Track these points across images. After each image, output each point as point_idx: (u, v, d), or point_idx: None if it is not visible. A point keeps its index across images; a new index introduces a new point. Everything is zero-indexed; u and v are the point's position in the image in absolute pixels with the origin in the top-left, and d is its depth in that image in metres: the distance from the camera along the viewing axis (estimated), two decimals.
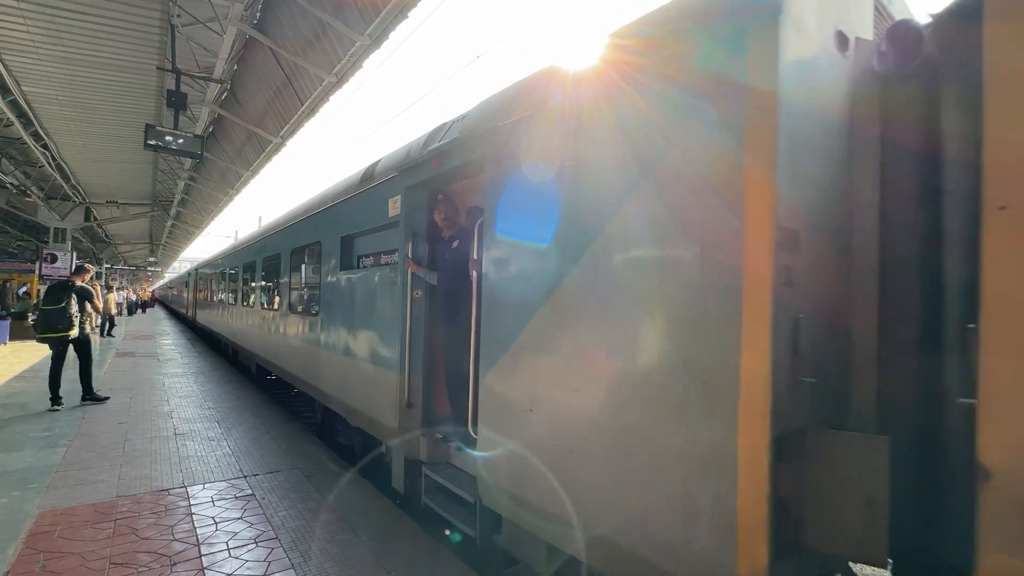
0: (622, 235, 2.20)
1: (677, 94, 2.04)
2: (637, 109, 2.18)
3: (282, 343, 7.68)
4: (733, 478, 1.72)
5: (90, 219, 21.17)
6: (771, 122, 1.66)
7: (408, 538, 3.71)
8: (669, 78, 2.09)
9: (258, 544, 3.54)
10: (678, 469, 1.91)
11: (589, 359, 2.34)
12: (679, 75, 2.05)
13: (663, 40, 2.15)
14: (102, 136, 13.54)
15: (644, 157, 2.12)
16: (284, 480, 4.76)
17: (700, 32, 1.98)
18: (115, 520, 3.82)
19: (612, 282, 2.24)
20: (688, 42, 2.02)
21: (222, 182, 18.03)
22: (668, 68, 2.10)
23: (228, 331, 12.65)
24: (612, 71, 2.34)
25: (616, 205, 2.23)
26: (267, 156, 13.27)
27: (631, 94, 2.21)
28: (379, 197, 4.68)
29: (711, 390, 1.81)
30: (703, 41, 1.96)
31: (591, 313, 2.34)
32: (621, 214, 2.20)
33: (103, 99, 11.27)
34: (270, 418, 7.16)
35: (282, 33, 8.91)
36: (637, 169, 2.15)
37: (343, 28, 7.50)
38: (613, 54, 2.37)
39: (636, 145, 2.16)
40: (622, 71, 2.29)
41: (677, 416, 1.93)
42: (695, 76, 1.98)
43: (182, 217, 26.19)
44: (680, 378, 1.92)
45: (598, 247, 2.30)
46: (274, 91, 10.77)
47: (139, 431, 6.23)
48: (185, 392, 8.75)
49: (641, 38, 2.26)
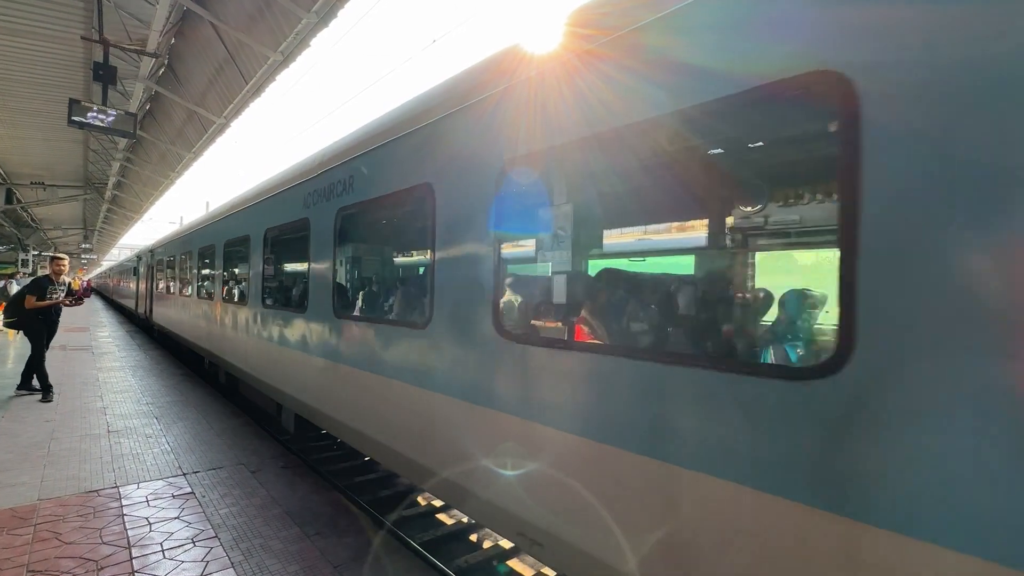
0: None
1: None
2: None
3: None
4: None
5: (12, 201, 19.50)
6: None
7: (356, 531, 3.65)
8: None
9: (196, 544, 3.40)
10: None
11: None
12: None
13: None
14: (23, 111, 12.45)
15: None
16: (227, 476, 4.58)
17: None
18: (35, 525, 3.56)
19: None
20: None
21: (162, 164, 16.96)
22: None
23: (215, 340, 8.26)
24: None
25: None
26: (210, 137, 12.57)
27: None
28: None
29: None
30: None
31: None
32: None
33: (22, 70, 10.33)
34: (215, 413, 6.86)
35: (223, 7, 8.39)
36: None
37: (287, 3, 7.13)
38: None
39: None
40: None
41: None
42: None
43: (119, 201, 24.52)
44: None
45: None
46: (216, 68, 10.16)
47: (67, 429, 5.83)
48: (122, 387, 8.26)
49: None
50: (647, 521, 1.92)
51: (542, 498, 2.40)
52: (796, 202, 3.69)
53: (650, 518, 1.91)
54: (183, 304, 10.76)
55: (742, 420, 1.66)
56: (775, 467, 1.58)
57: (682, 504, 1.81)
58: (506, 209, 2.74)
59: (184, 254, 10.69)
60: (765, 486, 1.60)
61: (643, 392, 1.99)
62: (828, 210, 3.50)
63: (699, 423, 1.79)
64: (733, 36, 1.76)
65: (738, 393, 1.68)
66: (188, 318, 10.17)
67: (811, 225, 3.66)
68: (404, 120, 3.62)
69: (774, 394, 1.60)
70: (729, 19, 1.78)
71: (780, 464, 1.57)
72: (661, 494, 1.88)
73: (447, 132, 3.15)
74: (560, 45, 2.42)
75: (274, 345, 5.72)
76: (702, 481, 1.75)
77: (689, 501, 1.79)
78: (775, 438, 1.59)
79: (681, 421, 1.85)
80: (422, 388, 3.28)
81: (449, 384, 3.05)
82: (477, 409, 2.83)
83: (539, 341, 2.54)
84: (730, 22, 1.77)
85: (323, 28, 7.30)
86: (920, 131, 1.38)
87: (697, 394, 1.80)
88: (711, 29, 1.83)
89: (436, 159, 3.23)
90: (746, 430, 1.65)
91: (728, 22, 1.78)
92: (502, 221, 2.74)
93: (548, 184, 2.82)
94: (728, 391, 1.71)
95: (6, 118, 12.90)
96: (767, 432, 1.61)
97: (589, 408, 2.21)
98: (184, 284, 10.77)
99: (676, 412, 1.86)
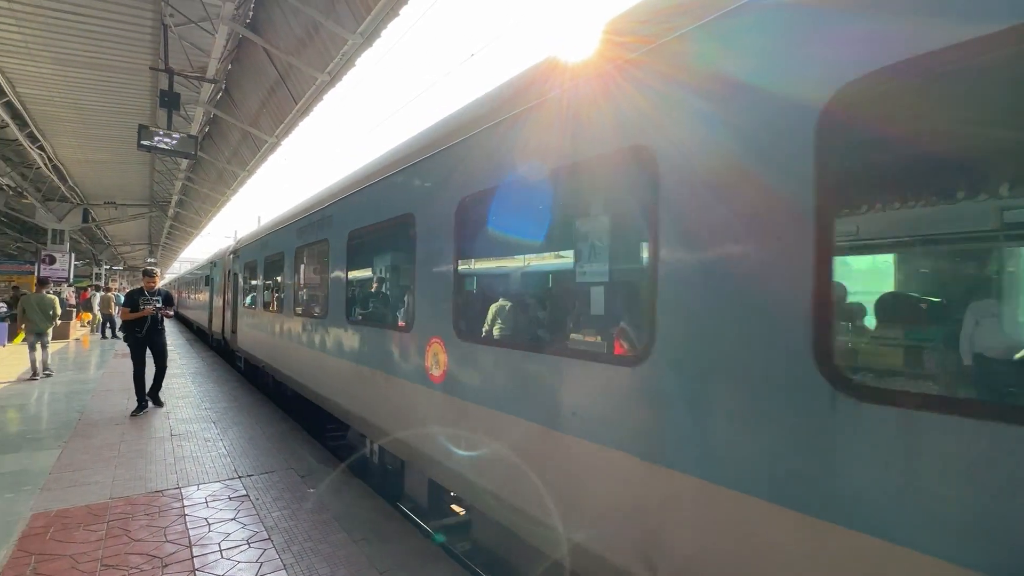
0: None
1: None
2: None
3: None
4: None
5: (88, 220, 21.15)
6: None
7: (399, 538, 3.71)
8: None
9: (251, 545, 3.54)
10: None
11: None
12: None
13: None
14: (98, 137, 13.52)
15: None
16: (279, 480, 4.77)
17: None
18: (108, 522, 3.82)
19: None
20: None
21: (219, 182, 18.01)
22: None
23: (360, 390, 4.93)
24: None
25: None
26: (263, 156, 13.25)
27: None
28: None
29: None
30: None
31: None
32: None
33: (98, 100, 11.24)
34: (266, 417, 7.16)
35: (275, 32, 8.88)
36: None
37: (335, 27, 7.46)
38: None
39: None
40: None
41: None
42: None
43: (180, 218, 26.16)
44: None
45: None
46: (268, 91, 10.74)
47: (135, 432, 6.23)
48: (182, 392, 8.75)
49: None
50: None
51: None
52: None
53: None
54: (297, 331, 6.81)
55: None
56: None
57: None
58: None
59: (302, 249, 6.91)
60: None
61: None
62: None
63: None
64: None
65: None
66: (312, 353, 6.20)
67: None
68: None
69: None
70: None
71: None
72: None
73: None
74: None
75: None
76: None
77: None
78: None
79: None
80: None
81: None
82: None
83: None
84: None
85: (367, 48, 7.59)
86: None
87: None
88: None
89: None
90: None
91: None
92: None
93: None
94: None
95: (84, 144, 14.06)
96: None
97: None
98: (306, 298, 7.09)
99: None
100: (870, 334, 2.04)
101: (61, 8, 7.81)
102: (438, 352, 3.52)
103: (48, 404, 7.76)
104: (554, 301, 3.95)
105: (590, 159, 2.36)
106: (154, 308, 7.29)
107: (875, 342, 1.98)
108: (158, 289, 7.59)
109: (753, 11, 1.74)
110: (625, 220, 3.06)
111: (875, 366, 1.85)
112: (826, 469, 1.47)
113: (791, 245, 1.57)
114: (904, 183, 2.36)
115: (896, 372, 1.84)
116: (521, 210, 3.79)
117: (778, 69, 1.67)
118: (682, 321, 1.91)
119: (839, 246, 1.63)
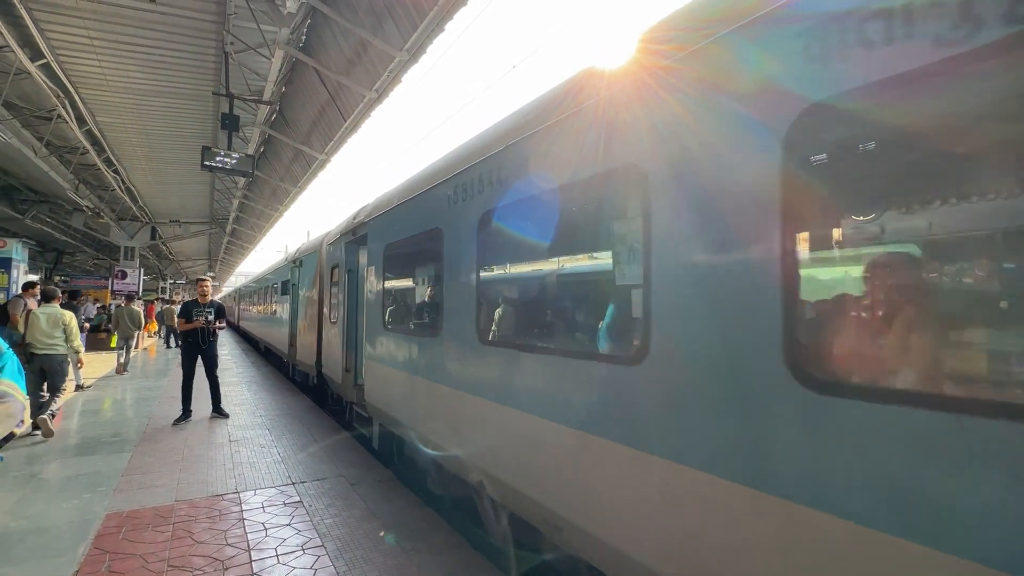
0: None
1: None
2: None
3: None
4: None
5: (155, 238, 22.65)
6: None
7: (449, 549, 3.67)
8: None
9: (305, 551, 3.60)
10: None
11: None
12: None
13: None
14: (165, 160, 14.50)
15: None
16: (331, 488, 4.85)
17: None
18: (173, 524, 3.98)
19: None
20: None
21: (272, 199, 18.91)
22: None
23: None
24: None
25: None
26: (313, 173, 13.81)
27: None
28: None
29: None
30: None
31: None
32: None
33: (165, 125, 12.07)
34: (317, 426, 7.34)
35: (325, 53, 9.28)
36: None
37: (382, 45, 7.71)
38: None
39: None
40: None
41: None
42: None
43: (236, 234, 27.62)
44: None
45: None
46: (319, 110, 11.21)
47: (197, 437, 6.52)
48: (239, 400, 9.13)
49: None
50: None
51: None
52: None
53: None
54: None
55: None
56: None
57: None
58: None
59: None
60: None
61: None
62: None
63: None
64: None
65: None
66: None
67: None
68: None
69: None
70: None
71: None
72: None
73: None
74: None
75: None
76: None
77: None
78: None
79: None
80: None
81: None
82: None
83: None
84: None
85: (413, 64, 7.79)
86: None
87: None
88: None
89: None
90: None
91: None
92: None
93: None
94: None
95: (151, 167, 15.12)
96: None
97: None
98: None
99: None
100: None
101: (135, 42, 8.45)
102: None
103: (119, 410, 8.27)
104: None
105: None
106: (205, 320, 7.47)
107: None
108: (211, 301, 7.78)
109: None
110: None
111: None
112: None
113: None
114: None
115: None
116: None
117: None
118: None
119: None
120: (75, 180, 14.72)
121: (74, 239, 22.93)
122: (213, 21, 8.01)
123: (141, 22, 7.89)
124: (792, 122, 1.73)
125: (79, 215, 18.71)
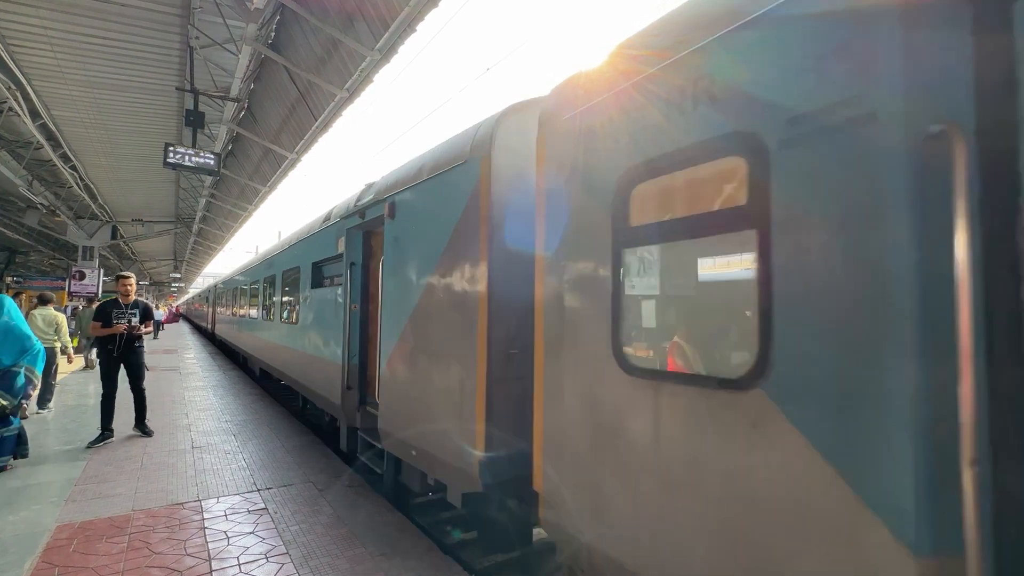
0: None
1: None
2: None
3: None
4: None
5: (116, 237, 21.80)
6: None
7: (419, 554, 3.64)
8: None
9: (269, 559, 3.51)
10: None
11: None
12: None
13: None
14: (126, 156, 13.98)
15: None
16: (297, 494, 4.75)
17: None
18: (129, 534, 3.83)
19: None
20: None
21: (241, 198, 18.44)
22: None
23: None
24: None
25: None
26: (283, 172, 13.53)
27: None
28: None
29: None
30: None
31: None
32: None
33: (126, 121, 11.64)
34: (285, 431, 7.18)
35: (295, 51, 9.11)
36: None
37: (353, 44, 7.62)
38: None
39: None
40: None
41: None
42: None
43: (203, 234, 26.82)
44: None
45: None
46: (289, 108, 10.99)
47: (158, 444, 6.30)
48: (204, 405, 8.86)
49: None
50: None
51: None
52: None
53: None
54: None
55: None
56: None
57: None
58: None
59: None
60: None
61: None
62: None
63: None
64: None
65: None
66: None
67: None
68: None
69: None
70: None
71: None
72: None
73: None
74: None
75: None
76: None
77: None
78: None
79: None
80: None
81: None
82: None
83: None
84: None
85: (385, 64, 7.72)
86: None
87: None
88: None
89: None
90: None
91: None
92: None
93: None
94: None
95: (112, 164, 14.55)
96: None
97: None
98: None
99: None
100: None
101: (93, 33, 8.13)
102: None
103: (75, 416, 7.92)
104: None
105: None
106: (127, 325, 6.22)
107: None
108: (135, 300, 6.47)
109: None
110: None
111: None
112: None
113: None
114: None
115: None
116: None
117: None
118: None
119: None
120: (28, 176, 14.06)
121: (28, 238, 21.89)
122: (177, 15, 7.77)
123: (99, 13, 7.61)
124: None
125: (33, 213, 17.90)
